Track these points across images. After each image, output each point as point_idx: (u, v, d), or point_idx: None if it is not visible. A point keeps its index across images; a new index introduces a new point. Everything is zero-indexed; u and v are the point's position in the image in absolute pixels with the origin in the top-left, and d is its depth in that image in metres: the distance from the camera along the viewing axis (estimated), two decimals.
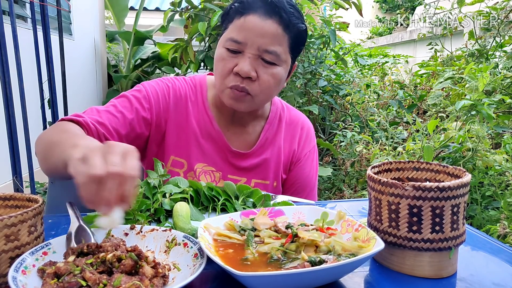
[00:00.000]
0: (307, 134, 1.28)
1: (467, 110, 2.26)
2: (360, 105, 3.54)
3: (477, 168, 2.15)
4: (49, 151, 0.89)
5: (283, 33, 1.04)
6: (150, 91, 1.14)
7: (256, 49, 1.03)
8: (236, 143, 1.19)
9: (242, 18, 1.03)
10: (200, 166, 1.17)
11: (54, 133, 0.94)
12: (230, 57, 1.04)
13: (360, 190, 2.90)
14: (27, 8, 3.84)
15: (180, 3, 3.61)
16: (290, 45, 1.07)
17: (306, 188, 1.27)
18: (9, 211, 0.76)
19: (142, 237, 0.77)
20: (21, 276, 0.60)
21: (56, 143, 0.86)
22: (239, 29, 1.03)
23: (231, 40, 1.04)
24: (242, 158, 1.19)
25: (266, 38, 1.02)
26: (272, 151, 1.22)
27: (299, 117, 1.29)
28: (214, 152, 1.17)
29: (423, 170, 0.86)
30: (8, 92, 2.58)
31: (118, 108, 1.09)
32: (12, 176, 2.70)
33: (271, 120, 1.23)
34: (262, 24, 1.02)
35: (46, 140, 0.94)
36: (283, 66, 1.07)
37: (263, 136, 1.21)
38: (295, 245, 0.72)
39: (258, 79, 1.04)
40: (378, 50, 5.48)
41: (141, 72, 5.68)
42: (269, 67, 1.05)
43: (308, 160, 1.27)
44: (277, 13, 1.02)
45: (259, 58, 1.04)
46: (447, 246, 0.71)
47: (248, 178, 1.19)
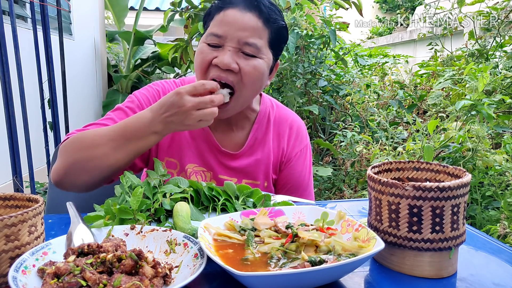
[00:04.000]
0: (297, 133, 1.26)
1: (467, 110, 2.26)
2: (360, 105, 3.54)
3: (477, 168, 2.15)
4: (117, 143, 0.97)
5: (263, 26, 1.04)
6: (142, 98, 1.17)
7: (236, 42, 1.02)
8: (225, 143, 1.20)
9: (221, 13, 1.04)
10: (191, 166, 1.18)
11: (86, 144, 0.99)
12: (210, 50, 1.03)
13: (360, 190, 2.90)
14: (27, 8, 3.84)
15: (180, 3, 3.61)
16: (271, 40, 1.07)
17: (299, 189, 1.26)
18: (9, 211, 0.76)
19: (142, 237, 0.77)
20: (21, 276, 0.60)
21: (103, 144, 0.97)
22: (219, 24, 1.03)
23: (211, 35, 1.03)
24: (232, 159, 1.20)
25: (246, 31, 1.02)
26: (262, 151, 1.21)
27: (287, 115, 1.28)
28: (204, 153, 1.19)
29: (423, 170, 0.86)
30: (8, 92, 2.58)
31: (115, 120, 1.11)
32: (12, 176, 2.70)
33: (260, 119, 1.23)
34: (242, 17, 1.02)
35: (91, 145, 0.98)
36: (264, 59, 1.06)
37: (252, 136, 1.21)
38: (295, 245, 0.72)
39: (241, 71, 1.02)
40: (378, 50, 5.47)
41: (141, 72, 5.68)
42: (250, 59, 1.03)
43: (299, 160, 1.26)
44: (256, 7, 1.03)
45: (239, 51, 1.03)
46: (447, 246, 0.71)
47: (239, 178, 1.20)
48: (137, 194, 0.83)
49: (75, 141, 1.00)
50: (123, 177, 0.95)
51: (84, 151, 0.98)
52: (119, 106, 1.16)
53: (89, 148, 0.98)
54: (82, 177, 1.00)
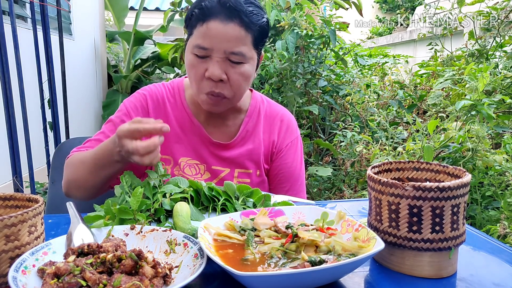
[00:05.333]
0: (287, 126, 1.32)
1: (467, 110, 2.26)
2: (360, 105, 3.54)
3: (477, 168, 2.14)
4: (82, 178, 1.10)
5: (245, 33, 1.08)
6: (130, 107, 1.24)
7: (223, 53, 1.07)
8: (216, 135, 1.25)
9: (204, 25, 1.07)
10: (184, 160, 1.22)
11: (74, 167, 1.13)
12: (200, 62, 1.10)
13: (360, 190, 2.90)
14: (27, 8, 3.84)
15: (180, 3, 3.61)
16: (254, 41, 1.11)
17: (290, 178, 1.29)
18: (9, 211, 0.76)
19: (142, 237, 0.77)
20: (21, 276, 0.60)
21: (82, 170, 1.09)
22: (204, 36, 1.07)
23: (197, 47, 1.08)
24: (224, 149, 1.24)
25: (231, 42, 1.07)
26: (253, 142, 1.26)
27: (278, 110, 1.33)
28: (196, 146, 1.23)
29: (423, 170, 0.86)
30: (8, 92, 2.58)
31: (105, 133, 1.20)
32: (12, 176, 2.70)
33: (250, 113, 1.28)
34: (225, 28, 1.06)
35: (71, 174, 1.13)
36: (250, 62, 1.12)
37: (243, 129, 1.26)
38: (295, 245, 0.72)
39: (229, 81, 1.10)
40: (378, 50, 5.47)
41: (141, 72, 5.68)
42: (237, 67, 1.10)
43: (290, 151, 1.30)
44: (237, 16, 1.06)
45: (226, 60, 1.09)
46: (447, 246, 0.71)
47: (231, 168, 1.24)
48: (137, 194, 0.83)
49: (68, 163, 1.15)
50: (123, 177, 0.95)
51: (72, 174, 1.12)
52: (110, 118, 1.24)
53: (74, 172, 1.12)
54: (79, 192, 1.13)
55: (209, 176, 1.23)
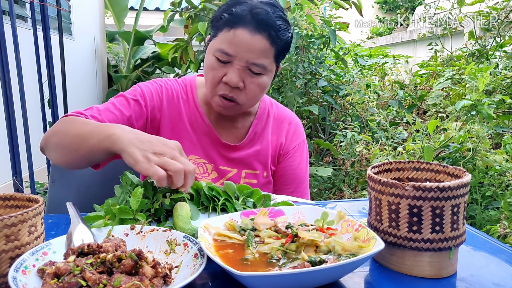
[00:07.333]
0: (295, 129, 1.34)
1: (467, 110, 2.26)
2: (360, 105, 3.54)
3: (477, 168, 2.14)
4: (78, 142, 0.96)
5: (270, 47, 1.09)
6: (145, 90, 1.21)
7: (245, 62, 1.08)
8: (226, 137, 1.25)
9: (231, 31, 1.07)
10: (193, 158, 1.22)
11: (73, 126, 1.00)
12: (220, 66, 1.10)
13: (360, 190, 2.90)
14: (27, 8, 3.84)
15: (180, 3, 3.61)
16: (276, 55, 1.13)
17: (295, 180, 1.31)
18: (9, 211, 0.76)
19: (142, 237, 0.77)
20: (21, 276, 0.60)
21: (84, 134, 0.95)
22: (229, 42, 1.07)
23: (220, 51, 1.08)
24: (232, 150, 1.25)
25: (254, 53, 1.07)
26: (261, 144, 1.28)
27: (286, 113, 1.36)
28: (205, 145, 1.24)
29: (423, 170, 0.86)
30: (8, 92, 2.58)
31: (116, 106, 1.15)
32: (12, 176, 2.70)
33: (259, 115, 1.29)
34: (251, 39, 1.06)
35: (67, 133, 1.00)
36: (269, 74, 1.14)
37: (252, 131, 1.27)
38: (295, 245, 0.72)
39: (245, 89, 1.11)
40: (378, 50, 5.47)
41: (141, 72, 5.68)
42: (255, 77, 1.11)
43: (296, 153, 1.32)
44: (266, 30, 1.07)
45: (246, 69, 1.09)
46: (447, 246, 0.71)
47: (239, 169, 1.25)
48: (137, 194, 0.83)
49: (62, 125, 1.04)
50: (123, 177, 0.95)
51: (60, 140, 1.02)
52: (121, 93, 1.20)
53: (63, 138, 1.01)
54: (54, 155, 1.05)
55: (216, 175, 1.23)
